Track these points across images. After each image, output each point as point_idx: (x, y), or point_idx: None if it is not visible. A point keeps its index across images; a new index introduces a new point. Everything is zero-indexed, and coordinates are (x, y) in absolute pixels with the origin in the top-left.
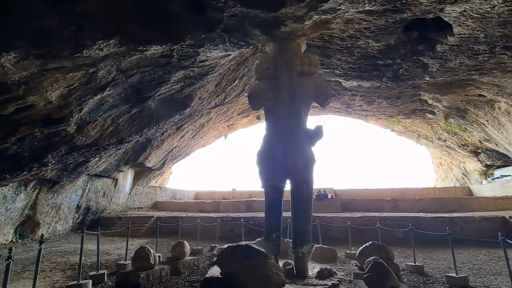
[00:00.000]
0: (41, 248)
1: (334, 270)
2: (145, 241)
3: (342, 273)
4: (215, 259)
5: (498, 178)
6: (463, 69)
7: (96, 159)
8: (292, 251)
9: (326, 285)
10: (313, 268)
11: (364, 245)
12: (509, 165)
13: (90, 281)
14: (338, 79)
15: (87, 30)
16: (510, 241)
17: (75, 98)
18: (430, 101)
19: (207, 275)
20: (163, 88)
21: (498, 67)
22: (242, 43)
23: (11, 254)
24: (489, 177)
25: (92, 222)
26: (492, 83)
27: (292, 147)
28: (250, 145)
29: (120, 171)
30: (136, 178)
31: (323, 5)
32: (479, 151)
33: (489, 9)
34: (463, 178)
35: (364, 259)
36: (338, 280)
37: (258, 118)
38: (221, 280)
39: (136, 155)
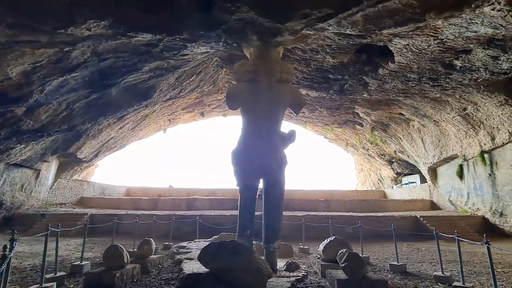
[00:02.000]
0: None
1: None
2: (80, 241)
3: (303, 266)
4: (180, 257)
5: (406, 184)
6: (394, 91)
7: (22, 145)
8: (264, 246)
9: (298, 276)
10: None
11: (328, 240)
12: (414, 174)
13: (54, 283)
14: None
15: (84, 7)
16: (421, 234)
17: (39, 77)
18: (361, 115)
19: (186, 272)
20: (131, 76)
21: (419, 93)
22: (235, 44)
23: None
24: (398, 183)
25: (4, 220)
26: (411, 105)
27: (268, 149)
28: (190, 141)
29: (45, 161)
30: (60, 170)
31: (318, 24)
32: (393, 160)
33: (426, 47)
34: (378, 183)
35: (329, 252)
36: (306, 272)
37: (202, 114)
38: (208, 275)
39: (68, 144)
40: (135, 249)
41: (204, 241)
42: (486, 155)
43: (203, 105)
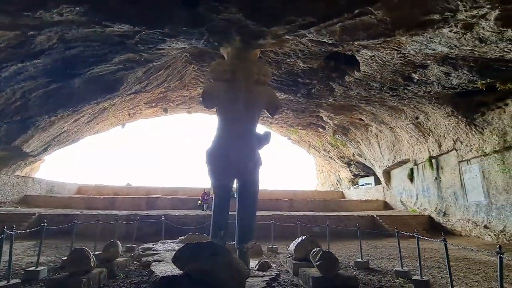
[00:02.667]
0: None
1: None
2: (30, 243)
3: (274, 265)
4: (148, 259)
5: (362, 185)
6: (357, 98)
7: None
8: (237, 246)
9: (271, 275)
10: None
11: (300, 240)
12: (369, 176)
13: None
14: None
15: None
16: (377, 232)
17: None
18: (325, 118)
19: (159, 274)
20: (99, 67)
21: (379, 101)
22: (216, 43)
23: None
24: (355, 184)
25: None
26: (371, 111)
27: (244, 149)
28: (150, 138)
29: None
30: (1, 165)
31: (300, 31)
32: (351, 163)
33: (389, 59)
34: (337, 184)
35: (300, 251)
36: (278, 271)
37: (165, 110)
38: (184, 277)
39: (12, 136)
40: (97, 252)
41: (171, 242)
42: (433, 160)
43: (167, 101)
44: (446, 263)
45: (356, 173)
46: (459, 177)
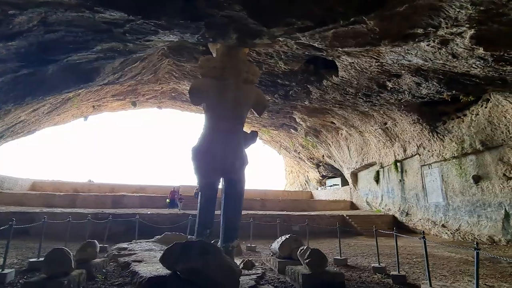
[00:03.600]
0: None
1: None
2: None
3: (256, 264)
4: (125, 259)
5: (330, 186)
6: (332, 102)
7: None
8: (223, 245)
9: (258, 273)
10: None
11: (284, 238)
12: (336, 177)
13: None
14: None
15: None
16: (344, 228)
17: None
18: (298, 120)
19: (144, 275)
20: (78, 54)
21: (352, 105)
22: (211, 39)
23: None
24: (323, 185)
25: None
26: (343, 115)
27: (232, 147)
28: (116, 132)
29: None
30: None
31: (296, 34)
32: (320, 164)
33: (367, 67)
34: (305, 184)
35: (285, 249)
36: (263, 269)
37: (134, 104)
38: (173, 277)
39: None
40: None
41: (146, 241)
42: (398, 164)
43: (136, 94)
44: (417, 259)
45: (324, 174)
46: (421, 180)
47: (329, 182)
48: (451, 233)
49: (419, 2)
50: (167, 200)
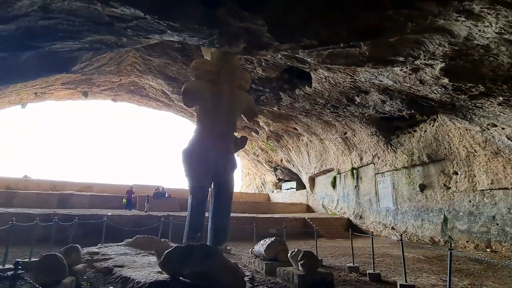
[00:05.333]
0: None
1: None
2: None
3: (240, 266)
4: (104, 264)
5: (287, 189)
6: (300, 110)
7: None
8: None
9: (248, 276)
10: None
11: (270, 241)
12: (292, 180)
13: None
14: None
15: None
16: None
17: None
18: (262, 124)
19: (140, 280)
20: (65, 43)
21: (318, 115)
22: (217, 45)
23: None
24: (279, 188)
25: None
26: (306, 123)
27: (224, 151)
28: (58, 124)
29: None
30: None
31: (299, 50)
32: (278, 168)
33: (341, 81)
34: (261, 187)
35: (271, 251)
36: (250, 271)
37: (85, 94)
38: (175, 282)
39: None
40: (33, 259)
41: (117, 245)
42: (355, 171)
43: (90, 84)
44: (379, 258)
45: (280, 177)
46: (375, 186)
47: (285, 185)
48: (399, 234)
49: (408, 36)
50: (124, 201)
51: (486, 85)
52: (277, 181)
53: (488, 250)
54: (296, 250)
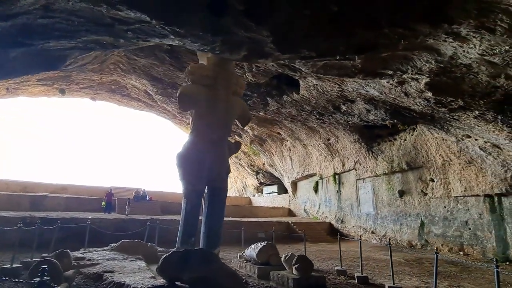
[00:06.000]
0: None
1: None
2: None
3: None
4: (92, 270)
5: (269, 193)
6: (285, 115)
7: None
8: None
9: (242, 279)
10: None
11: (262, 245)
12: (274, 184)
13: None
14: None
15: None
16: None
17: None
18: (246, 128)
19: (138, 286)
20: (59, 42)
21: (303, 121)
22: (218, 51)
23: None
24: (260, 191)
25: None
26: (291, 128)
27: (219, 157)
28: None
29: None
30: None
31: (296, 60)
32: (260, 171)
33: (329, 90)
34: (242, 190)
35: (263, 256)
36: (242, 275)
37: (62, 91)
38: (172, 286)
39: None
40: (15, 265)
41: (102, 250)
42: (337, 176)
43: (69, 82)
44: (363, 261)
45: (262, 181)
46: (356, 191)
47: (266, 189)
48: (379, 238)
49: (399, 52)
50: (103, 203)
51: (465, 100)
52: (258, 184)
53: (461, 253)
54: (289, 254)
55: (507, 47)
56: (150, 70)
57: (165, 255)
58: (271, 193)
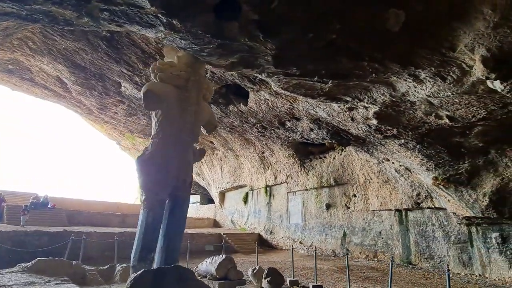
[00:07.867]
0: None
1: None
2: None
3: None
4: None
5: (193, 203)
6: (227, 125)
7: None
8: None
9: None
10: None
11: (220, 259)
12: (197, 194)
13: None
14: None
15: None
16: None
17: None
18: None
19: None
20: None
21: (242, 132)
22: (205, 53)
23: None
24: None
25: None
26: (225, 138)
27: (185, 163)
28: None
29: None
30: None
31: (279, 76)
32: None
33: (279, 106)
34: None
35: (222, 270)
36: None
37: None
38: None
39: None
40: None
41: (10, 272)
42: (268, 189)
43: None
44: (302, 271)
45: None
46: (286, 204)
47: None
48: (306, 248)
49: (364, 82)
50: None
51: (399, 130)
52: None
53: (375, 259)
54: (258, 267)
55: (449, 93)
56: (74, 56)
57: (134, 275)
58: (194, 203)
